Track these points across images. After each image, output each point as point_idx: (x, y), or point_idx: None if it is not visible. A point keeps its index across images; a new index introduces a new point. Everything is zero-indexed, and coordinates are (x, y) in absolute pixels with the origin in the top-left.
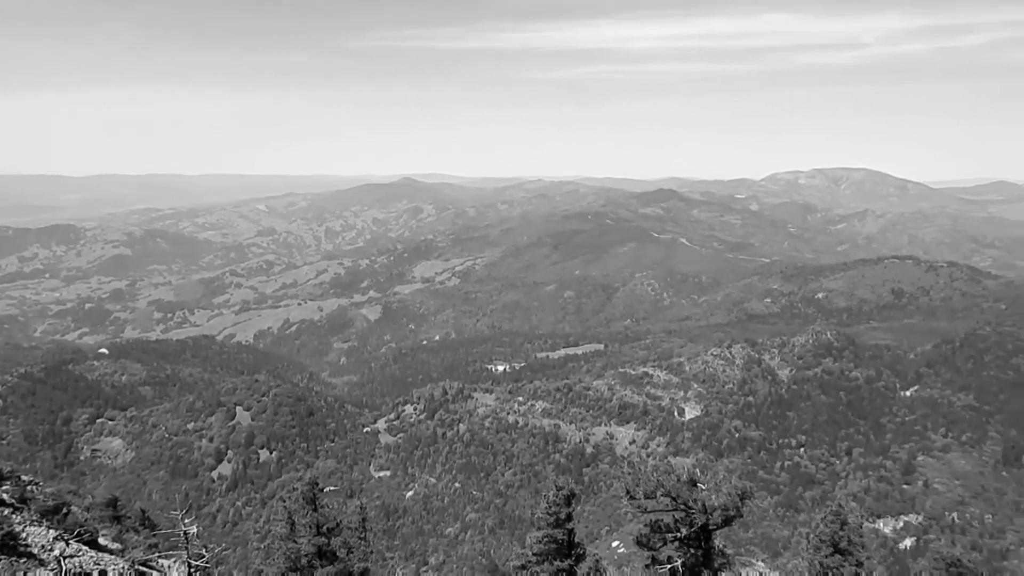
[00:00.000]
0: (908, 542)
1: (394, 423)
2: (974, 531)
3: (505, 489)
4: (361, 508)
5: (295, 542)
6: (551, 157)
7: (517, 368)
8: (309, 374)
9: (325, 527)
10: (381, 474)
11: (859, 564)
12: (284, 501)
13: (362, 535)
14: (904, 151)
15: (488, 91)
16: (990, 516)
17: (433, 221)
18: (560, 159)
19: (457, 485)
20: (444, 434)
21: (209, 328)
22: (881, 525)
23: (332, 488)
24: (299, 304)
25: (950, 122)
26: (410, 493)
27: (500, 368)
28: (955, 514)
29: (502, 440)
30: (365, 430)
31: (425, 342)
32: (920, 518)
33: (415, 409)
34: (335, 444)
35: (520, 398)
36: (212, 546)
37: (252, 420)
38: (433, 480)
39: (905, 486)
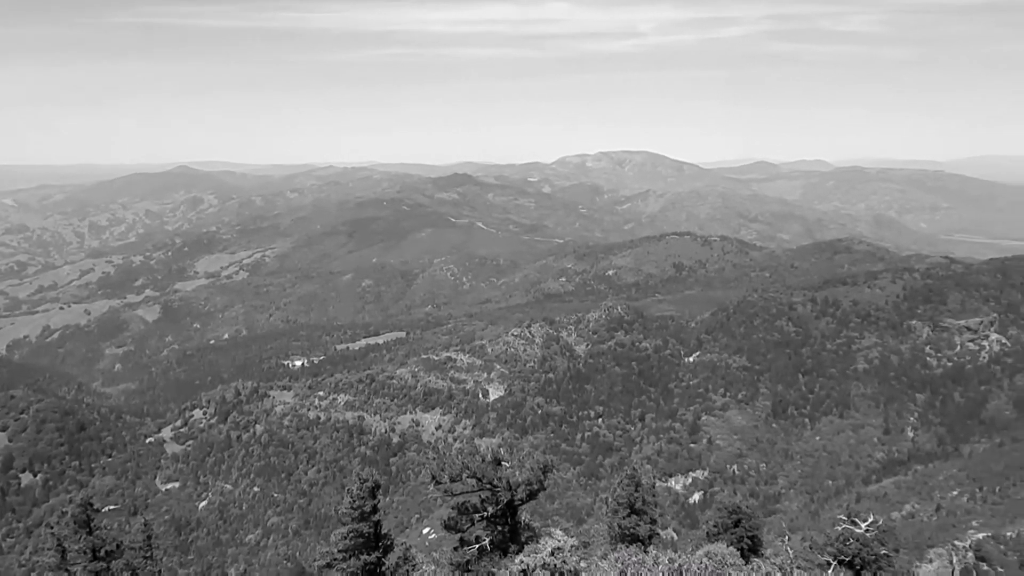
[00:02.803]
0: (697, 496)
1: (181, 430)
2: (751, 480)
3: (309, 488)
4: (145, 525)
5: (67, 571)
6: (342, 143)
7: (316, 362)
8: (78, 385)
9: (103, 550)
10: (169, 486)
11: (653, 521)
12: (52, 527)
13: (148, 554)
14: (679, 134)
15: (271, 74)
16: (764, 465)
17: (215, 212)
18: (351, 145)
19: (256, 489)
20: (239, 437)
21: None
22: (673, 483)
23: (111, 507)
24: (61, 308)
25: (717, 107)
26: (203, 503)
27: (298, 363)
28: (735, 466)
29: (303, 438)
30: (148, 440)
31: (213, 341)
32: (706, 473)
33: (205, 413)
34: (113, 459)
35: (321, 393)
36: None
37: (9, 441)
38: (229, 487)
39: (692, 445)
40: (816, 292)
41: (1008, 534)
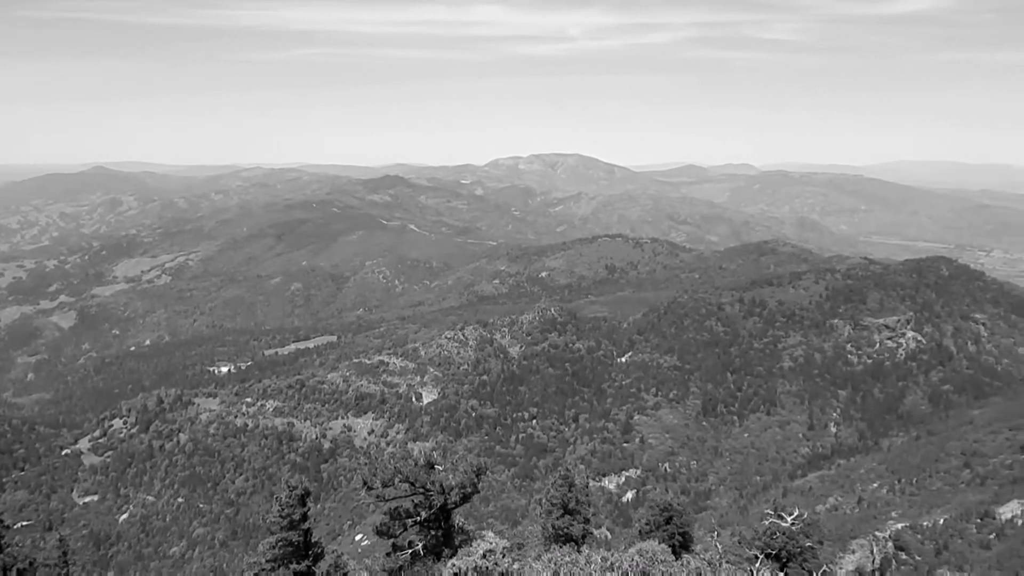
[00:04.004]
0: (630, 495)
1: (100, 441)
2: (683, 477)
3: (236, 497)
4: (61, 541)
5: None
6: (269, 143)
7: (243, 368)
8: None
9: (14, 568)
10: (87, 500)
11: (586, 521)
12: None
13: (64, 571)
14: (610, 137)
15: (193, 72)
16: (695, 462)
17: (136, 214)
18: (279, 145)
19: (180, 500)
20: (162, 447)
21: None
22: (606, 482)
23: (24, 523)
24: None
25: (647, 112)
26: (124, 516)
27: (224, 369)
28: (667, 464)
29: (230, 446)
30: (64, 452)
31: (134, 348)
32: (639, 472)
33: (125, 423)
34: (26, 473)
35: (248, 399)
36: None
37: None
38: (151, 498)
39: (625, 444)
40: (743, 292)
41: (925, 523)
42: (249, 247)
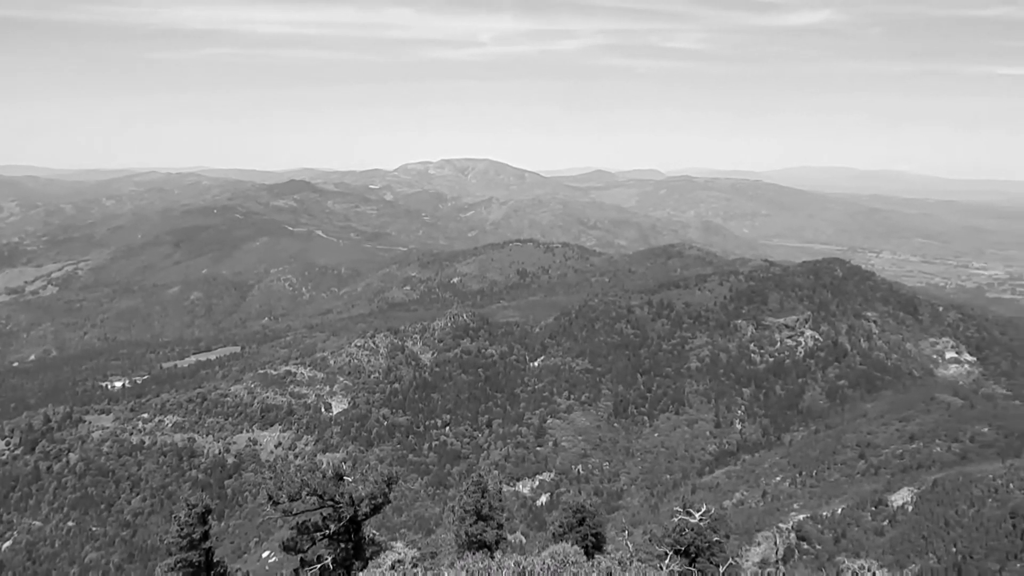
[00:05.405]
0: (544, 498)
1: None
2: (595, 478)
3: (133, 519)
4: None
5: None
6: (165, 147)
7: (139, 382)
8: None
9: None
10: None
11: (500, 526)
12: None
13: None
14: (520, 143)
15: (82, 73)
16: (607, 463)
17: (17, 220)
18: (176, 149)
19: (71, 524)
20: (50, 468)
21: None
22: (521, 487)
23: None
24: None
25: (557, 118)
26: (7, 544)
27: (118, 384)
28: (580, 466)
29: (126, 464)
30: None
31: (16, 364)
32: (552, 475)
33: (8, 444)
34: None
35: (145, 415)
36: None
37: None
38: (38, 523)
39: (539, 448)
40: (652, 295)
41: (824, 514)
42: (144, 255)
